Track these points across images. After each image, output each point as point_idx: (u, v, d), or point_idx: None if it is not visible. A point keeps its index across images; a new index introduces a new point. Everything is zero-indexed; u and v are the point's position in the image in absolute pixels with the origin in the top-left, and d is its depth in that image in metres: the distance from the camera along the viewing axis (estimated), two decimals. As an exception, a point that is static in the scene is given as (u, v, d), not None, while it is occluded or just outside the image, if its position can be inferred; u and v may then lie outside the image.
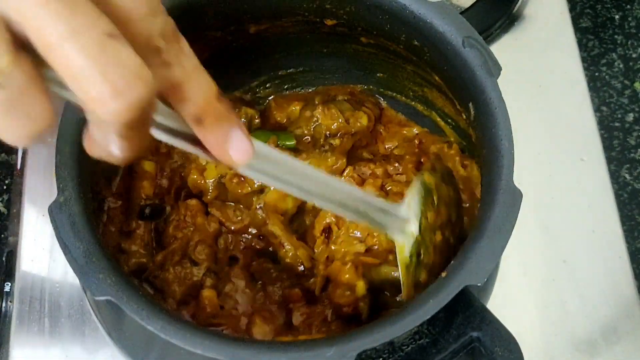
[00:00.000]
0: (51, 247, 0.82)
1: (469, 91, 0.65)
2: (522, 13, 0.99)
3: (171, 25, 0.38)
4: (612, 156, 0.94)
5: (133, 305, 0.54)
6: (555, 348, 0.80)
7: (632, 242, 0.88)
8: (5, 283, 0.81)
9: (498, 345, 0.55)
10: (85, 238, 0.56)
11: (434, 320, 0.57)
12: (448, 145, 0.77)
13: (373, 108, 0.80)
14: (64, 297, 0.80)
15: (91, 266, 0.55)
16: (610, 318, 0.82)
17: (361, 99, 0.82)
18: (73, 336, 0.78)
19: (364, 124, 0.78)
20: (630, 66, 1.00)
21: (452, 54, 0.65)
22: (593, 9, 1.04)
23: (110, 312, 0.70)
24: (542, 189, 0.88)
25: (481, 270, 0.56)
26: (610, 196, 0.88)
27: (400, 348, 0.58)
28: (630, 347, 0.80)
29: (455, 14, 0.65)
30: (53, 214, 0.57)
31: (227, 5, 0.71)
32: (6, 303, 0.80)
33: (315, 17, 0.75)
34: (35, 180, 0.86)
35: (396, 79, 0.81)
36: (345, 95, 0.82)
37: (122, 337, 0.69)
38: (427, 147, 0.79)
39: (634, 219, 0.90)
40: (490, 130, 0.62)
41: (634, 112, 0.97)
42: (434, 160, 0.74)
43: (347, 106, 0.80)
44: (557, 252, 0.85)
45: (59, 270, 0.81)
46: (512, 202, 0.59)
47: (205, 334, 0.53)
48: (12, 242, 0.84)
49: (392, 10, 0.68)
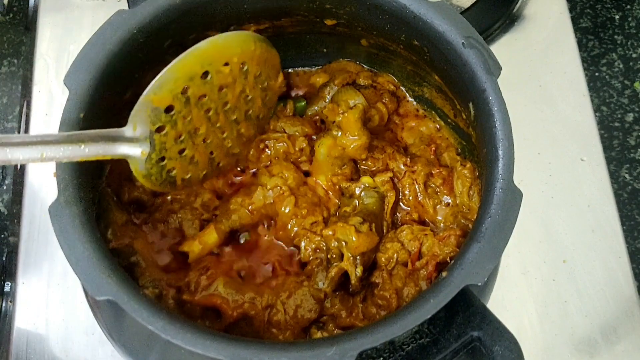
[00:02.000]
0: (51, 247, 0.82)
1: (469, 91, 0.65)
2: (522, 13, 0.99)
3: None
4: (612, 156, 0.94)
5: (134, 305, 0.54)
6: (555, 348, 0.80)
7: (632, 242, 0.89)
8: (6, 283, 0.81)
9: (498, 345, 0.55)
10: (85, 238, 0.56)
11: (435, 319, 0.57)
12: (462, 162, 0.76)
13: (389, 101, 0.80)
14: (64, 296, 0.80)
15: (92, 266, 0.55)
16: (610, 318, 0.82)
17: (381, 88, 0.81)
18: (73, 336, 0.78)
19: (375, 123, 0.78)
20: (630, 66, 1.00)
21: (452, 53, 0.65)
22: (593, 9, 1.04)
23: (110, 312, 0.70)
24: (542, 189, 0.88)
25: (481, 270, 0.56)
26: (610, 196, 0.88)
27: (400, 347, 0.58)
28: (630, 347, 0.81)
29: (455, 14, 0.65)
30: (53, 214, 0.57)
31: (227, 5, 0.71)
32: (6, 303, 0.80)
33: (315, 17, 0.75)
34: (35, 180, 0.86)
35: (396, 79, 0.81)
36: (366, 80, 0.82)
37: (122, 337, 0.69)
38: (440, 153, 0.78)
39: (633, 219, 0.90)
40: (490, 130, 0.62)
41: (633, 112, 0.97)
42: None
43: (362, 99, 0.79)
44: (557, 252, 0.85)
45: (58, 270, 0.81)
46: (512, 202, 0.59)
47: (206, 333, 0.53)
48: (12, 242, 0.85)
49: (392, 10, 0.68)
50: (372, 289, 0.69)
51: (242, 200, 0.73)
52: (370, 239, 0.69)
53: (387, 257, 0.70)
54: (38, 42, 0.95)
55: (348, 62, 0.83)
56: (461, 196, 0.73)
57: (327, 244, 0.70)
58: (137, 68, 0.69)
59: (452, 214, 0.74)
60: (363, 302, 0.69)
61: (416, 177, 0.75)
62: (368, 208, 0.73)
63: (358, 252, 0.69)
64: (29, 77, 0.93)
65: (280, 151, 0.75)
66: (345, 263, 0.69)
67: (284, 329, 0.67)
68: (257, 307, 0.68)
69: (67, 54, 0.94)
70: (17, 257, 0.82)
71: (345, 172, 0.75)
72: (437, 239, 0.70)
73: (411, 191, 0.75)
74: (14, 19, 1.00)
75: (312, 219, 0.72)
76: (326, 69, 0.83)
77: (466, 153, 0.77)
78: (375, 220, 0.72)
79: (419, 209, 0.75)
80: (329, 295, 0.69)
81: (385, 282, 0.69)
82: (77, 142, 0.57)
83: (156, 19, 0.66)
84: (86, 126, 0.61)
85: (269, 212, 0.74)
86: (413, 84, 0.80)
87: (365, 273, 0.70)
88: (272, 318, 0.68)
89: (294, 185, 0.74)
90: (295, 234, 0.72)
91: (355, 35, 0.77)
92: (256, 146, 0.75)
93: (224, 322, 0.67)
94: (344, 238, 0.69)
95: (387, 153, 0.76)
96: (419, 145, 0.79)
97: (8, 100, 0.94)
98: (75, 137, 0.57)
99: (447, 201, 0.74)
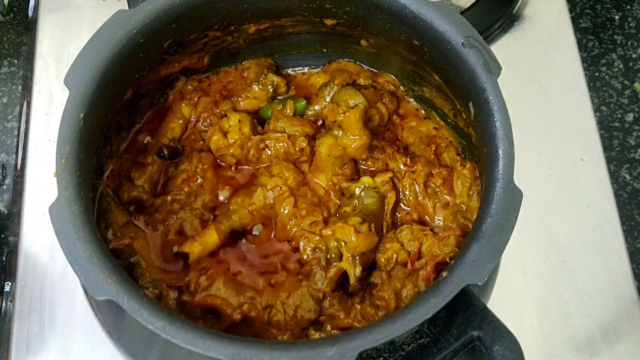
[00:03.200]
0: (51, 247, 0.82)
1: (469, 91, 0.65)
2: (522, 13, 0.99)
3: None
4: (612, 156, 0.94)
5: (134, 305, 0.54)
6: (555, 347, 0.80)
7: (632, 242, 0.89)
8: (6, 283, 0.81)
9: (499, 345, 0.55)
10: (85, 238, 0.56)
11: (435, 319, 0.57)
12: (462, 162, 0.76)
13: (389, 102, 0.80)
14: (64, 297, 0.80)
15: (92, 266, 0.55)
16: (610, 318, 0.82)
17: (381, 88, 0.82)
18: (73, 336, 0.78)
19: (375, 123, 0.78)
20: (630, 66, 1.00)
21: (452, 53, 0.65)
22: (593, 9, 1.04)
23: (110, 312, 0.70)
24: (542, 189, 0.88)
25: (482, 269, 0.56)
26: (610, 196, 0.88)
27: (401, 347, 0.58)
28: (630, 347, 0.80)
29: (455, 14, 0.65)
30: (53, 214, 0.57)
31: (227, 5, 0.71)
32: (6, 303, 0.80)
33: (315, 17, 0.75)
34: (35, 180, 0.86)
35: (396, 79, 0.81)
36: (366, 80, 0.82)
37: (122, 337, 0.69)
38: (440, 153, 0.78)
39: (633, 219, 0.90)
40: (490, 130, 0.62)
41: (633, 112, 0.97)
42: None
43: (362, 98, 0.78)
44: (557, 252, 0.85)
45: (58, 270, 0.81)
46: (513, 201, 0.59)
47: (206, 333, 0.53)
48: (12, 242, 0.85)
49: (392, 10, 0.68)
50: (371, 290, 0.69)
51: (242, 200, 0.73)
52: (369, 239, 0.69)
53: (386, 258, 0.70)
54: (38, 42, 0.95)
55: (348, 62, 0.83)
56: (461, 196, 0.73)
57: (327, 244, 0.70)
58: (137, 68, 0.69)
59: (452, 214, 0.74)
60: (361, 302, 0.68)
61: (416, 177, 0.75)
62: (368, 208, 0.73)
63: (357, 252, 0.69)
64: (29, 77, 0.93)
65: (281, 151, 0.75)
66: (344, 263, 0.69)
67: (284, 330, 0.67)
68: (257, 307, 0.68)
69: (67, 54, 0.94)
70: (17, 257, 0.82)
71: (345, 172, 0.75)
72: (437, 239, 0.70)
73: (411, 191, 0.75)
74: (14, 19, 1.00)
75: (311, 219, 0.72)
76: (326, 69, 0.83)
77: (466, 153, 0.77)
78: (375, 220, 0.72)
79: (419, 209, 0.75)
80: (328, 296, 0.69)
81: (384, 282, 0.69)
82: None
83: (156, 19, 0.66)
84: (86, 126, 0.61)
85: (269, 212, 0.74)
86: (413, 84, 0.80)
87: (364, 273, 0.70)
88: (272, 318, 0.68)
89: (294, 185, 0.74)
90: (295, 234, 0.72)
91: (355, 35, 0.77)
92: (256, 146, 0.75)
93: (223, 324, 0.67)
94: (344, 238, 0.69)
95: (387, 153, 0.76)
96: (419, 145, 0.79)
97: (8, 100, 0.94)
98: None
99: (447, 201, 0.74)
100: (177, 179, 0.74)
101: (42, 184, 0.86)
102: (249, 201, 0.73)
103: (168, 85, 0.78)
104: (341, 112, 0.73)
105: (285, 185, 0.73)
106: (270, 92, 0.80)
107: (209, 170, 0.75)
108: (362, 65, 0.82)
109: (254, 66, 0.81)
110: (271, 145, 0.75)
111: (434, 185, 0.75)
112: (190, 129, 0.78)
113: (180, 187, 0.74)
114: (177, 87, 0.79)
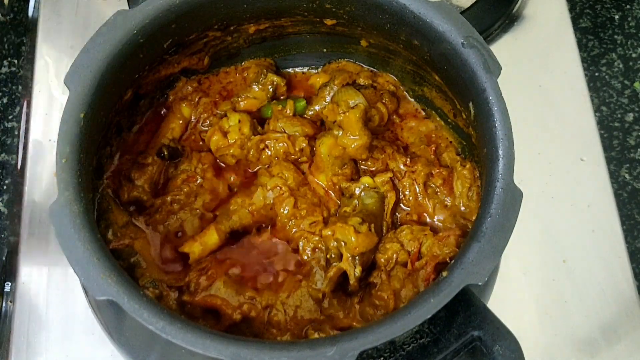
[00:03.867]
0: (51, 247, 0.82)
1: (469, 91, 0.65)
2: (522, 13, 0.99)
3: None
4: (612, 156, 0.94)
5: (134, 306, 0.54)
6: (555, 347, 0.80)
7: (632, 241, 0.89)
8: (6, 283, 0.81)
9: (499, 344, 0.56)
10: (85, 238, 0.56)
11: (435, 319, 0.57)
12: (462, 162, 0.77)
13: (389, 102, 0.80)
14: (64, 297, 0.80)
15: (92, 266, 0.55)
16: (610, 318, 0.82)
17: (381, 88, 0.82)
18: (73, 336, 0.78)
19: (375, 123, 0.78)
20: (630, 66, 1.00)
21: (452, 53, 0.65)
22: (593, 9, 1.04)
23: (111, 313, 0.70)
24: (542, 189, 0.88)
25: (482, 269, 0.56)
26: (610, 196, 0.88)
27: (401, 347, 0.58)
28: (630, 347, 0.80)
29: (455, 13, 0.65)
30: (53, 214, 0.57)
31: (227, 5, 0.71)
32: (6, 303, 0.80)
33: (315, 17, 0.75)
34: (35, 180, 0.86)
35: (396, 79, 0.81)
36: (366, 80, 0.82)
37: (122, 337, 0.69)
38: (440, 153, 0.78)
39: (633, 219, 0.90)
40: (490, 130, 0.62)
41: (633, 112, 0.97)
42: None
43: (362, 99, 0.78)
44: (557, 252, 0.85)
45: (58, 271, 0.81)
46: (513, 202, 0.59)
47: (206, 333, 0.53)
48: (12, 242, 0.84)
49: (392, 10, 0.68)
50: (370, 290, 0.69)
51: (242, 200, 0.73)
52: (369, 240, 0.69)
53: (386, 258, 0.70)
54: (38, 43, 0.95)
55: (348, 62, 0.83)
56: (461, 196, 0.73)
57: (327, 244, 0.70)
58: (137, 68, 0.69)
59: (452, 214, 0.74)
60: (360, 302, 0.69)
61: (416, 177, 0.75)
62: (368, 208, 0.73)
63: (357, 253, 0.69)
64: (29, 77, 0.93)
65: (280, 151, 0.75)
66: (344, 263, 0.69)
67: (284, 330, 0.67)
68: (257, 307, 0.68)
69: (67, 54, 0.94)
70: (17, 257, 0.82)
71: (345, 172, 0.75)
72: (437, 239, 0.70)
73: (411, 191, 0.75)
74: (14, 19, 1.00)
75: (311, 219, 0.72)
76: (326, 69, 0.83)
77: (466, 153, 0.77)
78: (374, 220, 0.72)
79: (419, 209, 0.75)
80: (327, 296, 0.69)
81: (383, 282, 0.69)
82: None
83: (156, 19, 0.66)
84: (86, 126, 0.61)
85: (269, 212, 0.74)
86: (413, 84, 0.80)
87: (364, 273, 0.70)
88: (272, 319, 0.68)
89: (294, 185, 0.74)
90: (294, 234, 0.72)
91: (355, 35, 0.77)
92: (256, 146, 0.75)
93: (223, 324, 0.67)
94: (343, 238, 0.69)
95: (387, 153, 0.76)
96: (419, 145, 0.79)
97: (8, 100, 0.94)
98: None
99: (447, 201, 0.74)
100: (177, 179, 0.74)
101: (42, 184, 0.86)
102: (249, 201, 0.73)
103: (168, 85, 0.78)
104: (341, 112, 0.73)
105: (285, 186, 0.73)
106: (270, 92, 0.80)
107: (208, 170, 0.75)
108: (362, 65, 0.82)
109: (253, 66, 0.82)
110: (271, 146, 0.75)
111: (434, 186, 0.75)
112: (190, 129, 0.79)
113: (180, 187, 0.74)
114: (177, 88, 0.79)
